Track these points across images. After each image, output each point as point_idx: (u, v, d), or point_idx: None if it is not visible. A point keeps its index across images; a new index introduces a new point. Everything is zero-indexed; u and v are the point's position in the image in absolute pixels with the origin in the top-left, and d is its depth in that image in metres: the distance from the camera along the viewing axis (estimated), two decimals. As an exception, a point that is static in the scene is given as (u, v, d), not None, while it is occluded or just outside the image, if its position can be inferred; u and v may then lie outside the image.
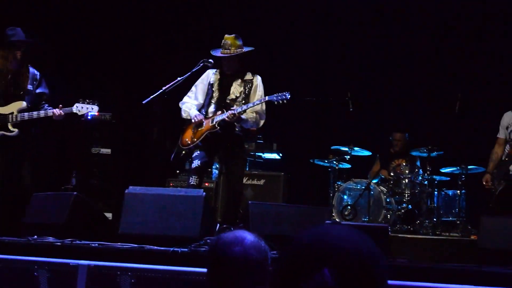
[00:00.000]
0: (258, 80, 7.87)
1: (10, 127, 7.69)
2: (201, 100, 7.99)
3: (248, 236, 2.81)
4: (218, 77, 7.90)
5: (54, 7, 11.36)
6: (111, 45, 12.06)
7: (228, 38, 7.83)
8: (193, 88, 8.07)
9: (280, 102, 7.55)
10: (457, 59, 11.40)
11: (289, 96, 7.51)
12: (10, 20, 8.11)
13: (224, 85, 7.86)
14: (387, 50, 11.94)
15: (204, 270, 2.86)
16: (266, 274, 2.74)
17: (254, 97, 7.77)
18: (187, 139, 7.90)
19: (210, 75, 7.98)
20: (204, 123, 7.78)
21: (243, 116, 7.68)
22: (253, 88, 7.83)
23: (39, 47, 8.23)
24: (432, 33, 11.79)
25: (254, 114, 7.77)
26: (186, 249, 5.78)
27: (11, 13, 10.38)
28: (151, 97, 7.81)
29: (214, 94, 7.88)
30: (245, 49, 7.83)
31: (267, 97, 7.65)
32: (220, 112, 7.71)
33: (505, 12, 11.11)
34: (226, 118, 7.60)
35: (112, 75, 12.06)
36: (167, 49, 12.18)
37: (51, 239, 6.25)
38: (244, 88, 7.80)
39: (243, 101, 7.73)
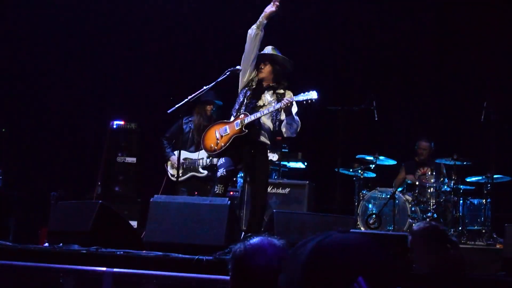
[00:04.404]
0: (290, 95, 7.74)
1: (200, 169, 9.59)
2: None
3: (272, 244, 2.79)
4: (254, 86, 7.87)
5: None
6: (138, 55, 12.14)
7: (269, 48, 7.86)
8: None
9: (309, 102, 7.47)
10: (482, 67, 11.36)
11: (316, 97, 7.44)
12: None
13: (256, 92, 7.81)
14: (412, 59, 11.92)
15: (228, 278, 2.85)
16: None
17: (287, 112, 7.67)
18: (212, 144, 7.81)
19: None
20: (228, 128, 7.71)
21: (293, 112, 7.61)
22: None
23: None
24: (458, 42, 11.75)
25: (298, 119, 7.71)
26: (210, 258, 5.80)
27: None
28: (177, 106, 7.80)
29: (245, 101, 7.82)
30: (266, 52, 7.82)
31: (294, 97, 7.58)
32: (243, 116, 7.64)
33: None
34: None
35: (138, 84, 12.13)
36: (193, 57, 12.22)
37: (76, 247, 6.29)
38: (275, 101, 7.70)
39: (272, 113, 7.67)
